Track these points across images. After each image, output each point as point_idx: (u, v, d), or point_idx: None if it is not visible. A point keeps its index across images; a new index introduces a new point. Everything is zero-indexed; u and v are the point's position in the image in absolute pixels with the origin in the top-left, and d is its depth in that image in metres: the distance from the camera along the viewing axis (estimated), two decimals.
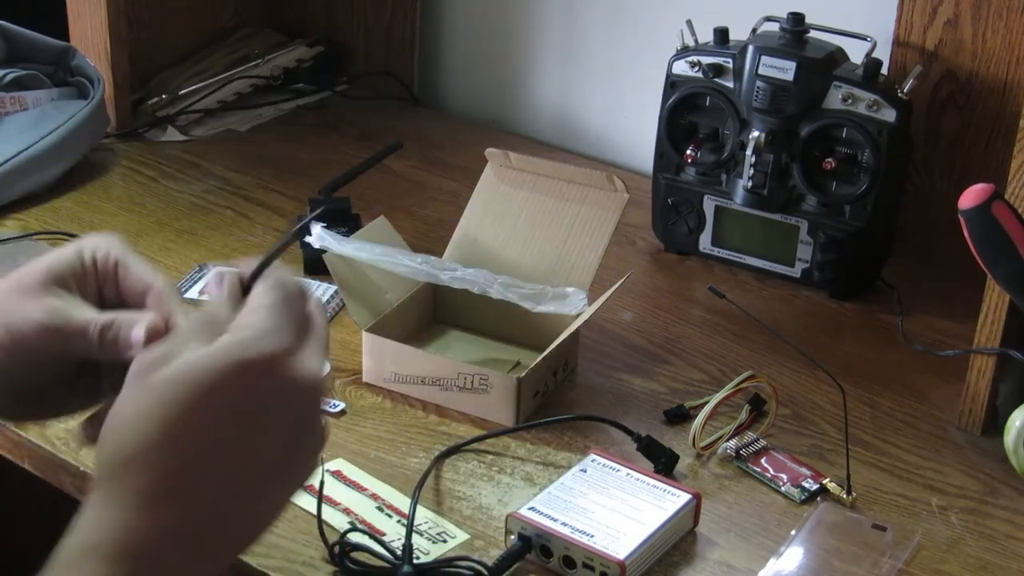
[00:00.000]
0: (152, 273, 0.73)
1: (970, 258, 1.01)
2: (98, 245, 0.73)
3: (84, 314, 0.70)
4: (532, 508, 0.93)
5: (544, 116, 1.69)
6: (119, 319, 0.70)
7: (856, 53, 1.28)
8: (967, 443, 1.10)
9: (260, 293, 0.66)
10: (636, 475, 0.98)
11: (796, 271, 1.32)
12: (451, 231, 1.23)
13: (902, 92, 1.24)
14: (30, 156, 1.40)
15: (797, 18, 1.26)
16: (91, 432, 0.71)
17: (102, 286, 0.73)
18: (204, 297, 0.68)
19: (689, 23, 1.31)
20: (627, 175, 1.25)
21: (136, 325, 0.70)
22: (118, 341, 0.70)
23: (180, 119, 1.62)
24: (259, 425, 0.62)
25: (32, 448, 1.03)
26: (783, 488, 1.02)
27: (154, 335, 0.69)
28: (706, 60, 1.29)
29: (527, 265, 1.18)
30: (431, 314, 1.22)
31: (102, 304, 0.73)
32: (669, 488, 0.97)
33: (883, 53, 1.31)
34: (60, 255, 0.73)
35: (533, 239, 1.20)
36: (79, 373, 0.73)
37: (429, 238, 1.35)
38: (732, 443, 1.06)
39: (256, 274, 0.68)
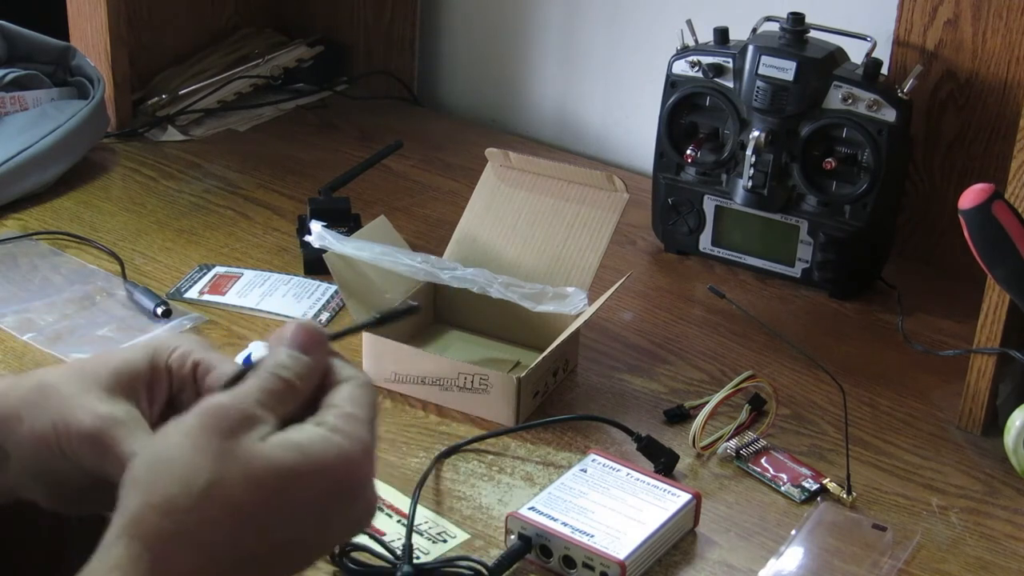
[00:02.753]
0: (235, 368, 0.67)
1: (970, 258, 1.01)
2: (174, 346, 0.67)
3: (134, 443, 0.63)
4: (532, 508, 0.93)
5: (544, 116, 1.69)
6: None
7: (856, 53, 1.28)
8: (967, 443, 1.10)
9: (359, 398, 0.62)
10: (636, 475, 0.98)
11: (796, 271, 1.32)
12: (451, 231, 1.23)
13: (902, 92, 1.24)
14: (30, 156, 1.40)
15: (797, 18, 1.26)
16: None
17: (179, 392, 0.67)
18: (273, 344, 0.64)
19: (689, 23, 1.31)
20: (627, 175, 1.25)
21: None
22: None
23: (180, 119, 1.62)
24: (321, 534, 0.60)
25: None
26: (783, 488, 1.02)
27: None
28: (706, 60, 1.29)
29: (527, 265, 1.18)
30: (431, 314, 1.22)
31: (176, 407, 0.66)
32: (669, 488, 0.97)
33: (883, 53, 1.31)
34: (131, 356, 0.67)
35: (533, 239, 1.20)
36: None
37: (429, 238, 1.36)
38: (732, 443, 1.06)
39: (336, 336, 0.65)
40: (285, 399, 0.62)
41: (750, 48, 1.26)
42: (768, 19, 1.31)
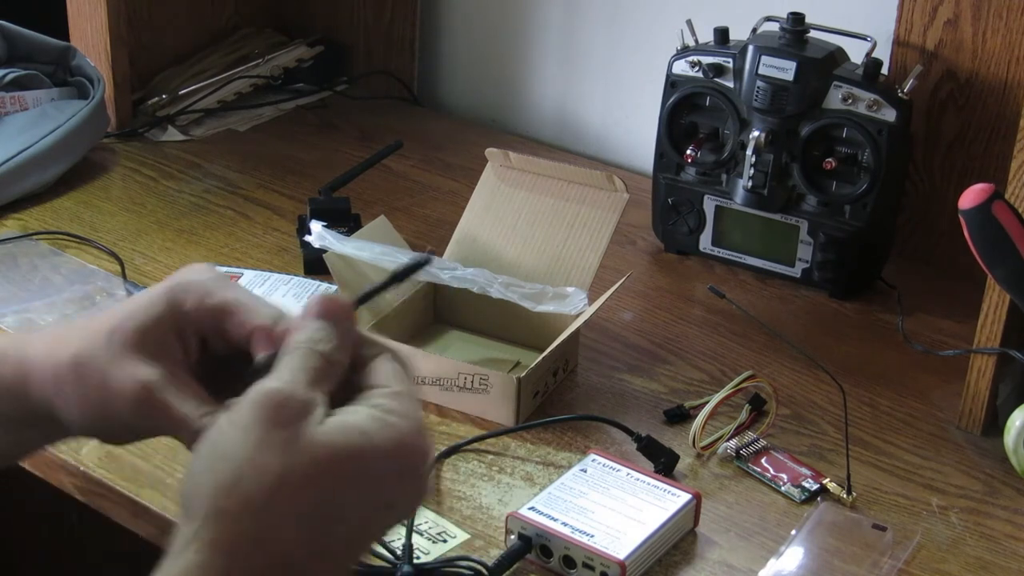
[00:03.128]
0: (259, 308, 0.65)
1: (970, 258, 1.01)
2: (191, 287, 0.66)
3: (183, 406, 0.63)
4: (532, 508, 0.93)
5: (544, 116, 1.69)
6: None
7: (856, 53, 1.28)
8: (967, 443, 1.10)
9: (401, 373, 0.62)
10: (636, 475, 0.98)
11: (796, 271, 1.32)
12: (451, 231, 1.23)
13: (902, 92, 1.24)
14: (30, 156, 1.40)
15: (797, 18, 1.26)
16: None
17: (205, 337, 0.66)
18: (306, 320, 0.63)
19: (689, 23, 1.31)
20: (627, 175, 1.25)
21: None
22: None
23: (180, 119, 1.62)
24: (385, 515, 0.60)
25: None
26: (783, 488, 1.02)
27: None
28: (706, 60, 1.29)
29: (527, 265, 1.18)
30: (431, 314, 1.22)
31: (207, 347, 0.66)
32: (669, 488, 0.97)
33: (883, 53, 1.31)
34: (150, 308, 0.65)
35: (533, 239, 1.20)
36: None
37: (429, 238, 1.36)
38: (732, 443, 1.06)
39: (360, 302, 0.64)
40: (328, 376, 0.61)
41: (750, 48, 1.26)
42: (768, 19, 1.31)
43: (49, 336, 0.68)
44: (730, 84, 1.28)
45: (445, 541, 0.95)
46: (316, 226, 1.14)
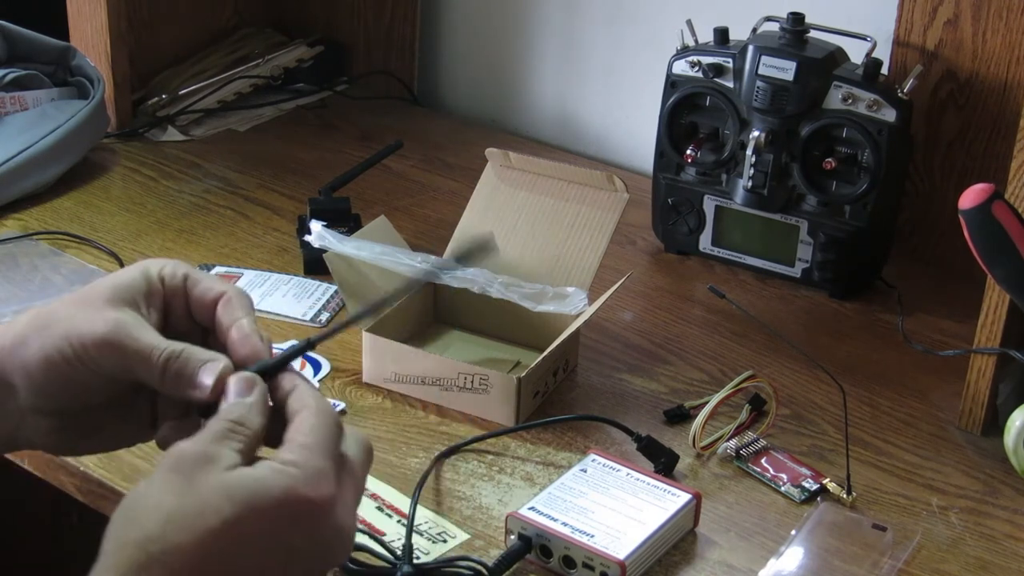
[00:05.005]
0: (222, 282, 0.72)
1: (970, 258, 1.01)
2: (164, 264, 0.72)
3: (150, 337, 0.68)
4: (532, 508, 0.93)
5: (544, 116, 1.69)
6: (187, 352, 0.68)
7: (856, 53, 1.28)
8: (967, 443, 1.10)
9: (314, 426, 0.65)
10: (636, 475, 0.98)
11: (796, 271, 1.32)
12: (451, 231, 1.24)
13: (902, 92, 1.24)
14: (30, 156, 1.40)
15: (797, 18, 1.26)
16: (168, 436, 0.69)
17: (170, 301, 0.71)
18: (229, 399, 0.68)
19: (689, 23, 1.31)
20: (627, 175, 1.25)
21: (205, 367, 0.68)
22: (183, 376, 0.68)
23: (180, 119, 1.62)
24: (286, 564, 0.63)
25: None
26: (783, 488, 1.02)
27: (223, 381, 0.67)
28: (706, 60, 1.29)
29: (527, 265, 1.18)
30: (431, 314, 1.22)
31: (169, 323, 0.71)
32: (669, 488, 0.97)
33: (883, 53, 1.31)
34: (124, 273, 0.71)
35: (533, 239, 1.20)
36: (133, 400, 0.72)
37: (429, 238, 1.36)
38: (732, 443, 1.06)
39: (276, 368, 0.69)
40: (236, 436, 0.65)
41: (750, 48, 1.26)
42: (768, 19, 1.31)
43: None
44: (730, 84, 1.28)
45: (445, 541, 0.95)
46: (316, 226, 1.14)
